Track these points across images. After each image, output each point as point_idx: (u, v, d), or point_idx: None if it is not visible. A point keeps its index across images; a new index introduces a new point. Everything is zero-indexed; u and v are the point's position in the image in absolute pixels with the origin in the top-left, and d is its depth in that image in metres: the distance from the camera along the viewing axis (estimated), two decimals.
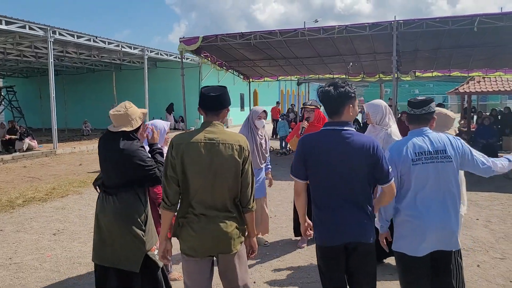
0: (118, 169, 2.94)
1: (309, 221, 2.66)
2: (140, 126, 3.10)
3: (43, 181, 9.40)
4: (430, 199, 2.61)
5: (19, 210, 6.77)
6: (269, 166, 5.04)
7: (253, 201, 2.59)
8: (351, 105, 2.47)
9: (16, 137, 13.88)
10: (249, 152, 2.55)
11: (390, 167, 2.51)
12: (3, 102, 26.27)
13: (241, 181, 2.51)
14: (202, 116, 2.57)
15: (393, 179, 2.51)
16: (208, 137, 2.45)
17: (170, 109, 24.08)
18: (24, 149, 13.80)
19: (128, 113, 2.99)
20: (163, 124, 3.76)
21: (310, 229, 2.67)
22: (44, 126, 23.51)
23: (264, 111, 4.71)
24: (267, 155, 4.85)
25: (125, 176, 2.94)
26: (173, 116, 23.73)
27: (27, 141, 14.00)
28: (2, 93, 26.26)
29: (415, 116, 2.73)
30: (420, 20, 9.56)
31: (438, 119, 3.10)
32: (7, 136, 13.97)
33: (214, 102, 2.50)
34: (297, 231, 4.92)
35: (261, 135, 4.73)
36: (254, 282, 3.93)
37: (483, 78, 14.64)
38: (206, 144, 2.43)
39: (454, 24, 9.29)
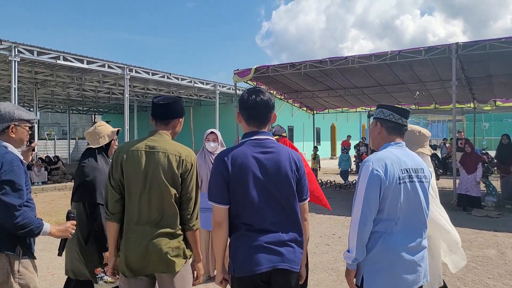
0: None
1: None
2: (110, 142, 3.18)
3: (52, 216, 8.54)
4: (410, 226, 2.21)
5: None
6: None
7: (195, 219, 2.40)
8: (274, 113, 2.24)
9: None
10: (193, 165, 2.41)
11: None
12: None
13: (181, 195, 2.37)
14: None
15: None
16: (149, 145, 2.38)
17: None
18: None
19: (96, 130, 3.13)
20: None
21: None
22: None
23: (212, 132, 4.16)
24: None
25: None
26: None
27: None
28: None
29: (399, 126, 2.33)
30: (483, 41, 8.61)
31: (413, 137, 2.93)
32: None
33: (162, 111, 2.47)
34: None
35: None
36: None
37: None
38: (146, 152, 2.35)
39: None
